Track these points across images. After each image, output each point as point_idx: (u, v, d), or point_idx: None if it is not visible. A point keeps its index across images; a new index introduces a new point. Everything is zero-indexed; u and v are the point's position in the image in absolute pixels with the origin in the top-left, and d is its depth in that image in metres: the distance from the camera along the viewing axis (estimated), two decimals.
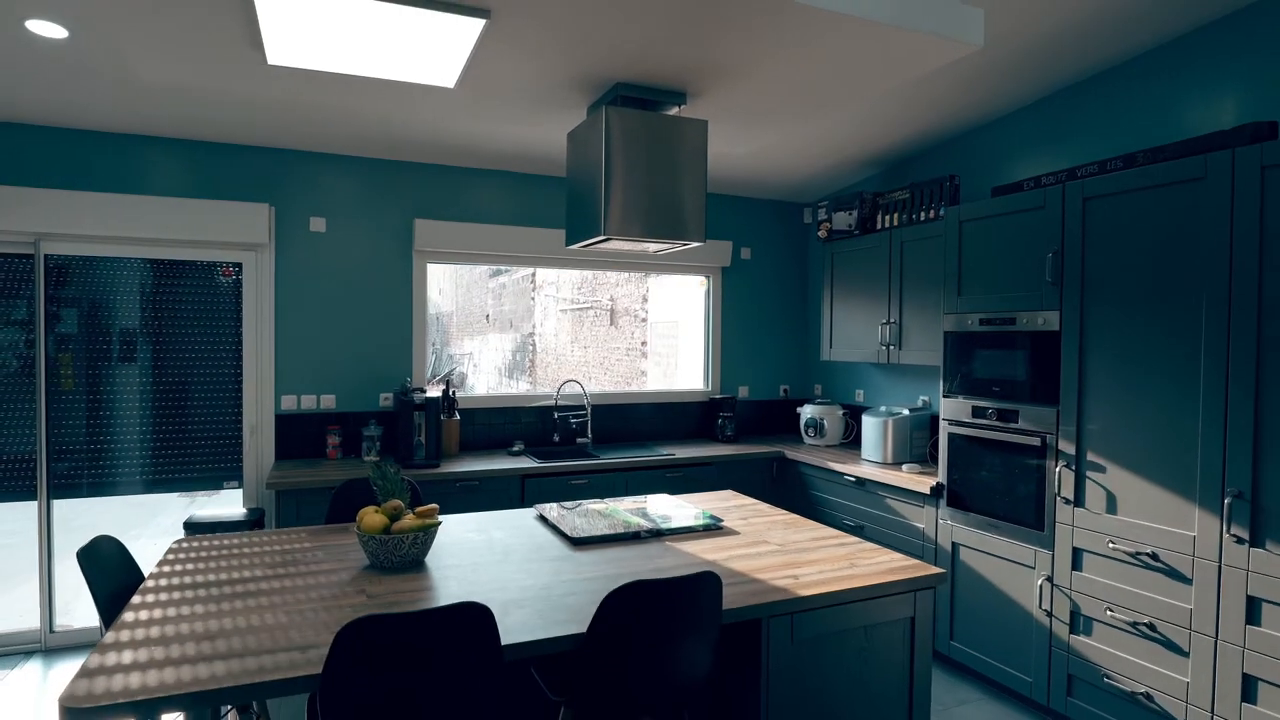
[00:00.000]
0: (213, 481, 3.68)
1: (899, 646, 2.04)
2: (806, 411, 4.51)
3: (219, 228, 3.59)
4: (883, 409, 4.03)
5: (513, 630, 1.60)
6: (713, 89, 2.41)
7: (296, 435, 3.79)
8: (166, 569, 1.99)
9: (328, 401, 3.86)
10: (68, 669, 3.29)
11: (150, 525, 6.13)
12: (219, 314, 3.72)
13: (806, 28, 1.96)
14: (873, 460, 3.92)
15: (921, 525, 3.39)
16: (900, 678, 2.05)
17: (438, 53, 2.08)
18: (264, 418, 3.75)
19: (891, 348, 3.94)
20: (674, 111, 2.50)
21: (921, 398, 4.16)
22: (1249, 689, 2.21)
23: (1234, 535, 2.23)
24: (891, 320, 3.93)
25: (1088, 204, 2.66)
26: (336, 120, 3.35)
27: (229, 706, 1.82)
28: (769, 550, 2.25)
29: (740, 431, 4.92)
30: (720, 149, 3.27)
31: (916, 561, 2.15)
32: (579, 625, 1.63)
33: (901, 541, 3.49)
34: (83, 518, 5.90)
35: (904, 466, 3.73)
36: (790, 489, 4.26)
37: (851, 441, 4.50)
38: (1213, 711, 2.29)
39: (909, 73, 2.36)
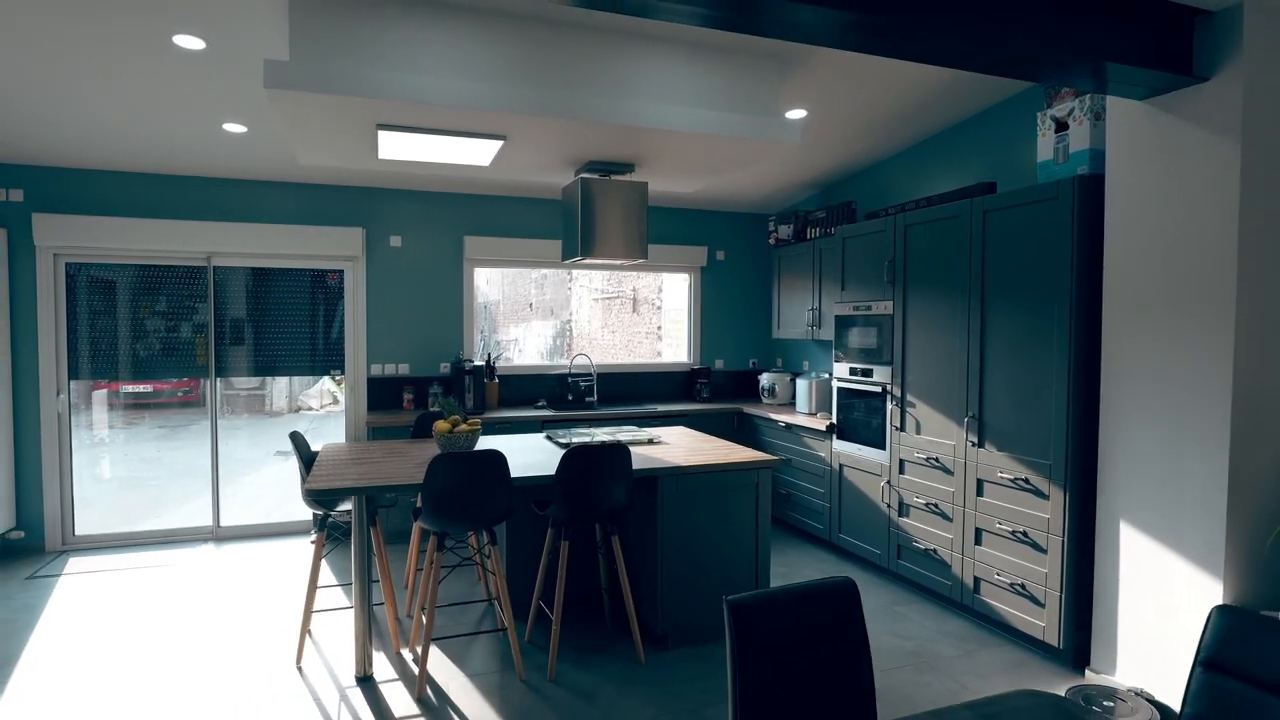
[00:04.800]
0: (325, 369, 5.39)
1: (749, 504, 3.43)
2: (764, 379, 5.86)
3: (328, 245, 5.11)
4: (813, 374, 5.37)
5: (517, 474, 3.05)
6: (647, 162, 3.80)
7: (381, 392, 5.32)
8: (325, 454, 3.50)
9: (403, 369, 5.37)
10: (233, 549, 4.89)
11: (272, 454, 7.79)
12: (330, 305, 5.27)
13: (672, 139, 3.33)
14: (802, 412, 5.26)
15: (823, 454, 4.74)
16: (750, 523, 3.44)
17: (477, 151, 3.51)
18: (359, 380, 5.29)
19: (814, 328, 5.27)
20: (626, 176, 3.89)
21: None
22: (979, 538, 3.53)
23: (971, 441, 3.54)
24: (813, 307, 5.26)
25: (907, 229, 3.96)
26: (410, 169, 4.83)
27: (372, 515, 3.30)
28: (681, 451, 3.65)
29: (714, 394, 6.28)
30: (669, 189, 4.65)
31: (763, 454, 3.51)
32: (552, 471, 3.07)
33: (811, 465, 4.84)
34: (236, 454, 7.59)
35: (819, 414, 5.07)
36: (746, 435, 5.63)
37: (795, 400, 5.83)
38: (962, 554, 3.61)
39: (758, 161, 3.71)
